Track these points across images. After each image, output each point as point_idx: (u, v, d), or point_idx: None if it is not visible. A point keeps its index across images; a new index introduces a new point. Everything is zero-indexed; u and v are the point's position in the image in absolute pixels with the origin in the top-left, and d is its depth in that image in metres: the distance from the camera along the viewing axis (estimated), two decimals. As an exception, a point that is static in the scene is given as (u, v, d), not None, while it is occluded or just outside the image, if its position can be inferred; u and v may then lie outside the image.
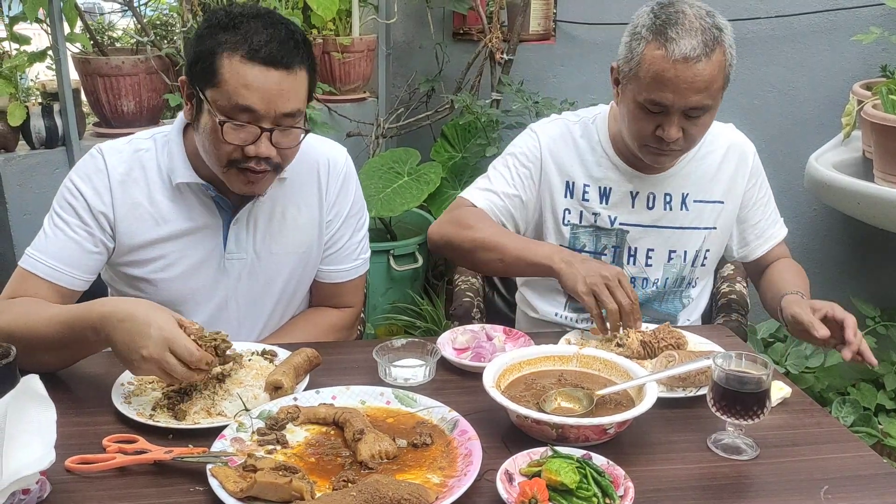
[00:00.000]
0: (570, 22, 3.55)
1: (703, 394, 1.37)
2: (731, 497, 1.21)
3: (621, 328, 1.61)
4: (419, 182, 3.42)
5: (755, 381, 1.29)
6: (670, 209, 1.89)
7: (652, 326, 1.67)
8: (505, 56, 3.51)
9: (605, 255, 1.91)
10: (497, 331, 1.70)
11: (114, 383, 1.42)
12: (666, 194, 1.88)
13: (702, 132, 1.74)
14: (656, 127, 1.69)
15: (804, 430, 1.40)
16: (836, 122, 2.95)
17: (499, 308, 2.27)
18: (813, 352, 2.93)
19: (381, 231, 3.68)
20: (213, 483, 1.13)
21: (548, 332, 1.90)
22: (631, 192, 1.88)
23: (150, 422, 1.32)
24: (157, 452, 1.22)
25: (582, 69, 3.57)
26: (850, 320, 1.59)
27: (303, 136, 1.57)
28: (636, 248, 1.91)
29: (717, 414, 1.31)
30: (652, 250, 1.91)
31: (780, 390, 1.45)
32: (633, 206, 1.88)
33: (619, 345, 1.61)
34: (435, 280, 3.75)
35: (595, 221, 1.90)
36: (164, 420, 1.33)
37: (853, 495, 1.21)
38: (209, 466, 1.16)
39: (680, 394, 1.46)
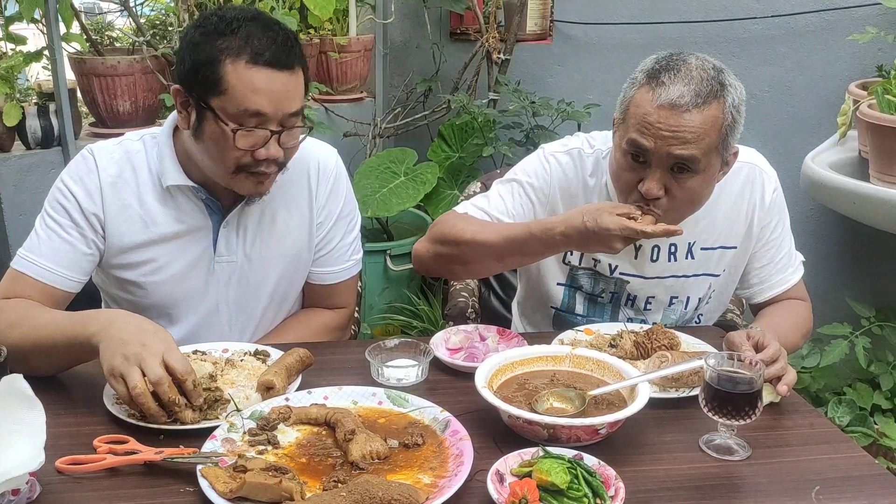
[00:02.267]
0: (567, 22, 3.55)
1: (696, 394, 1.36)
2: (722, 498, 1.21)
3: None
4: (416, 182, 3.42)
5: (747, 381, 1.29)
6: (675, 260, 1.77)
7: (645, 327, 1.67)
8: (502, 56, 3.50)
9: (602, 297, 1.83)
10: (490, 331, 1.69)
11: (105, 384, 1.41)
12: (671, 245, 1.76)
13: (691, 199, 1.60)
14: (639, 181, 1.57)
15: (796, 431, 1.40)
16: (832, 122, 2.94)
17: (494, 308, 2.26)
18: (809, 351, 2.94)
19: (378, 231, 3.68)
20: (204, 484, 1.13)
21: (541, 332, 1.90)
22: (635, 244, 1.73)
23: (141, 422, 1.31)
24: (148, 453, 1.22)
25: (579, 69, 3.57)
26: (770, 349, 1.44)
27: (304, 134, 1.58)
28: (635, 296, 1.81)
29: (709, 414, 1.31)
30: (652, 297, 1.82)
31: (770, 392, 1.45)
32: (635, 258, 1.77)
33: (612, 345, 1.61)
34: (432, 280, 3.75)
35: (594, 266, 1.80)
36: (153, 419, 1.32)
37: (845, 496, 1.21)
38: (199, 467, 1.16)
39: (672, 394, 1.46)
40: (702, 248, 1.79)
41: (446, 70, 3.79)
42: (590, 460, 1.20)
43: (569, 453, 1.21)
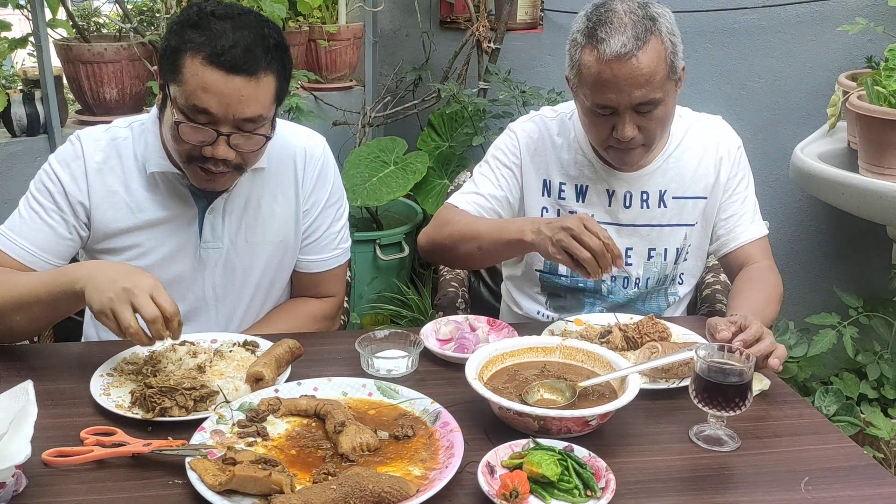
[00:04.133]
0: (557, 11, 3.53)
1: (686, 385, 1.37)
2: (712, 489, 1.21)
3: (606, 274, 1.56)
4: (406, 171, 3.41)
5: (737, 372, 1.29)
6: (647, 207, 1.85)
7: (636, 318, 1.67)
8: (492, 45, 3.48)
9: None
10: (481, 322, 1.69)
11: (92, 375, 1.41)
12: (643, 192, 1.84)
13: (660, 125, 1.70)
14: (612, 129, 1.67)
15: (785, 422, 1.40)
16: (821, 113, 2.95)
17: (484, 298, 2.26)
18: (797, 341, 2.95)
19: (368, 220, 3.67)
20: (192, 476, 1.12)
21: (531, 323, 1.90)
22: (607, 191, 1.84)
23: (129, 414, 1.30)
24: (136, 445, 1.21)
25: (569, 58, 3.55)
26: (751, 329, 1.43)
27: (265, 142, 1.57)
28: None
29: (700, 405, 1.31)
30: (631, 249, 1.87)
31: (759, 382, 1.45)
32: (609, 205, 1.85)
33: (602, 336, 1.60)
34: (421, 269, 3.74)
35: None
36: (143, 412, 1.31)
37: (833, 487, 1.21)
38: (188, 459, 1.15)
39: (662, 385, 1.46)
40: (674, 197, 1.86)
41: (436, 59, 3.78)
42: (580, 452, 1.20)
43: (559, 445, 1.21)
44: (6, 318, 1.49)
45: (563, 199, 1.86)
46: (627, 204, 1.85)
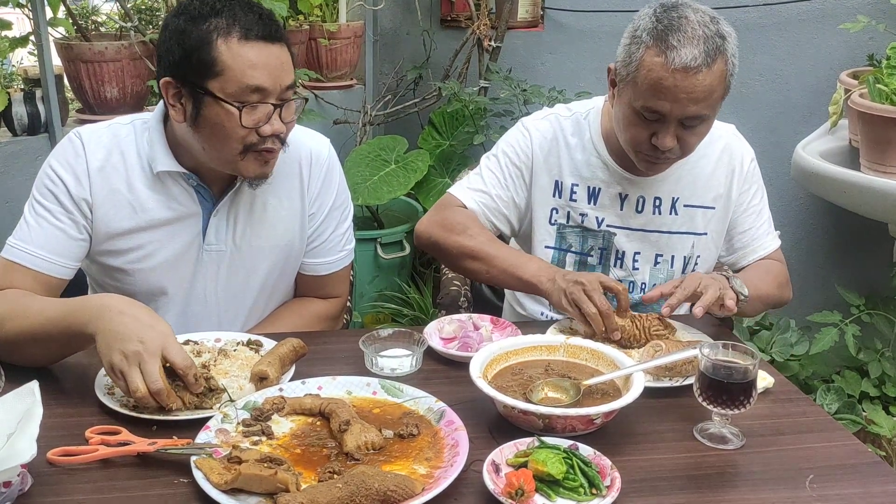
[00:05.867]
0: (558, 9, 3.53)
1: (690, 383, 1.37)
2: (717, 486, 1.22)
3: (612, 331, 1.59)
4: (406, 170, 3.40)
5: (742, 371, 1.29)
6: (659, 213, 1.84)
7: (643, 315, 1.67)
8: (493, 43, 3.48)
9: (592, 255, 1.87)
10: (484, 320, 1.69)
11: (97, 374, 1.41)
12: (656, 198, 1.83)
13: (698, 141, 1.69)
14: (651, 135, 1.63)
15: (789, 419, 1.40)
16: (823, 111, 2.95)
17: (487, 297, 2.26)
18: (798, 339, 2.96)
19: (368, 219, 3.66)
20: (198, 475, 1.12)
21: (535, 321, 1.90)
22: (620, 195, 1.83)
23: (134, 413, 1.30)
24: (141, 444, 1.21)
25: (570, 57, 3.56)
26: (683, 286, 1.58)
27: (303, 104, 1.59)
28: (623, 252, 1.86)
29: (704, 404, 1.31)
30: (639, 254, 1.87)
31: (763, 380, 1.45)
32: (621, 209, 1.84)
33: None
34: (422, 268, 3.75)
35: (582, 222, 1.85)
36: (147, 411, 1.31)
37: (839, 484, 1.21)
38: (193, 458, 1.15)
39: (666, 383, 1.46)
40: (685, 206, 1.85)
41: (437, 57, 3.77)
42: (585, 450, 1.20)
43: (564, 443, 1.21)
44: (22, 350, 1.44)
45: (575, 200, 1.85)
46: (639, 209, 1.84)
